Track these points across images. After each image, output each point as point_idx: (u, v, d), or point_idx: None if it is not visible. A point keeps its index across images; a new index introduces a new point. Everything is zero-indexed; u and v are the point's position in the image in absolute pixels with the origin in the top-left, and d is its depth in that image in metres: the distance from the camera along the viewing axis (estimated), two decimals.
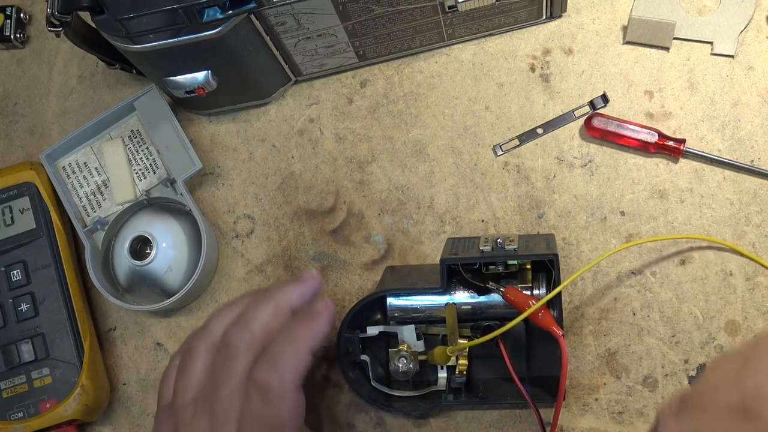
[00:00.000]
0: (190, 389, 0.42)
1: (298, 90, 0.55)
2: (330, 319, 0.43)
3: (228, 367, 0.41)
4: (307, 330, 0.42)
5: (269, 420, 0.40)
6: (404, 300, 0.47)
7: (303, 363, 0.41)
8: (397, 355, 0.46)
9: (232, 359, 0.41)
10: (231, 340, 0.42)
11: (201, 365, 0.43)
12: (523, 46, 0.54)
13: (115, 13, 0.43)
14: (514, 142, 0.53)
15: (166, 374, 0.45)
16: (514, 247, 0.45)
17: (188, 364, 0.43)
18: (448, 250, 0.47)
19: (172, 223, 0.52)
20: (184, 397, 0.42)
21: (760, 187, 0.50)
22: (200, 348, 0.43)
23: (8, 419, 0.49)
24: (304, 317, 0.43)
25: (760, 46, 0.51)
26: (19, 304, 0.51)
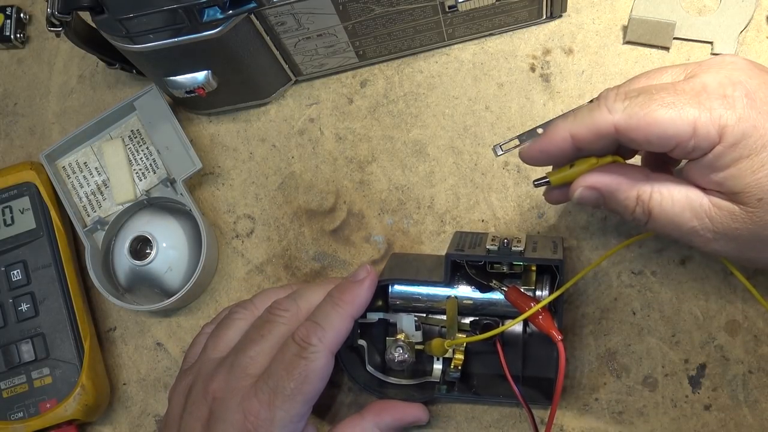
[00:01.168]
0: (219, 348, 0.44)
1: (298, 90, 0.55)
2: (372, 286, 0.44)
3: (264, 329, 0.43)
4: (351, 296, 0.44)
5: (298, 371, 0.41)
6: (406, 288, 0.48)
7: (344, 328, 0.43)
8: (394, 344, 0.47)
9: (270, 323, 0.43)
10: (276, 309, 0.44)
11: (236, 330, 0.45)
12: (523, 46, 0.54)
13: (115, 13, 0.43)
14: (514, 142, 0.53)
15: (195, 341, 0.47)
16: (520, 249, 0.45)
17: (223, 326, 0.45)
18: (455, 244, 0.47)
19: (172, 223, 0.52)
20: (213, 353, 0.44)
21: None
22: (240, 315, 0.45)
23: (8, 419, 0.49)
24: (347, 284, 0.44)
25: (760, 46, 0.51)
26: (19, 304, 0.51)
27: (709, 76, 0.36)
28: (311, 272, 0.53)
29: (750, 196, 0.36)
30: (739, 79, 0.36)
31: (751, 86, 0.36)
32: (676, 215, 0.38)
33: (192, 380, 0.44)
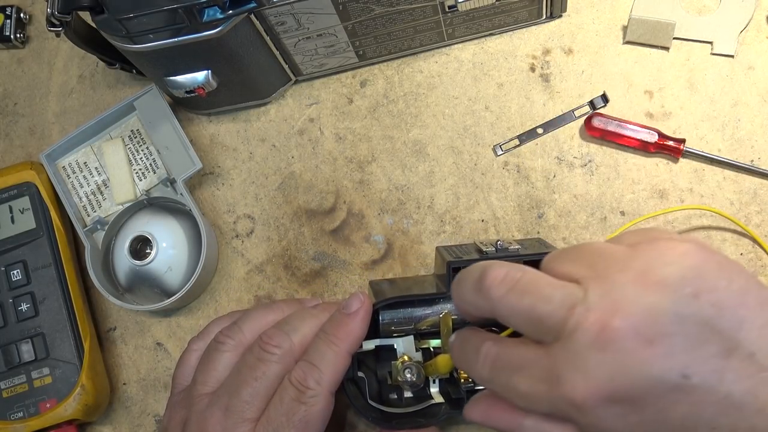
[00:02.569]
0: (210, 381, 0.42)
1: (298, 90, 0.55)
2: (367, 318, 0.42)
3: (258, 369, 0.41)
4: (346, 332, 0.41)
5: (298, 417, 0.40)
6: (397, 311, 0.45)
7: (342, 366, 0.41)
8: (402, 366, 0.44)
9: (265, 362, 0.41)
10: (268, 344, 0.41)
11: (227, 361, 0.43)
12: (523, 46, 0.54)
13: (115, 13, 0.43)
14: (514, 142, 0.53)
15: (184, 360, 0.45)
16: (517, 248, 0.44)
17: (214, 356, 0.43)
18: (447, 255, 0.45)
19: (172, 223, 0.52)
20: (203, 388, 0.42)
21: (760, 187, 0.50)
22: (229, 343, 0.43)
23: (8, 419, 0.49)
24: (341, 318, 0.42)
25: (760, 46, 0.51)
26: (19, 304, 0.51)
27: (569, 370, 0.32)
28: (311, 272, 0.53)
29: None
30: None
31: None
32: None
33: (186, 416, 0.42)
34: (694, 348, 0.30)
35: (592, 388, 0.31)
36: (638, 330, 0.30)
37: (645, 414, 0.31)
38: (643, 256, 0.33)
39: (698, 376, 0.30)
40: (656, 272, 0.31)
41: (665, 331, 0.30)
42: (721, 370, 0.30)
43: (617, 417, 0.31)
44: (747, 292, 0.31)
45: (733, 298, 0.31)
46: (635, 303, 0.31)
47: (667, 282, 0.31)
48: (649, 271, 0.32)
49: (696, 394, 0.30)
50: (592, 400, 0.31)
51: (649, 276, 0.31)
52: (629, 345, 0.30)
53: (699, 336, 0.30)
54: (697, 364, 0.30)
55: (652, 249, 0.33)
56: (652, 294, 0.31)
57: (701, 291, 0.31)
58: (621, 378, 0.31)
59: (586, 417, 0.32)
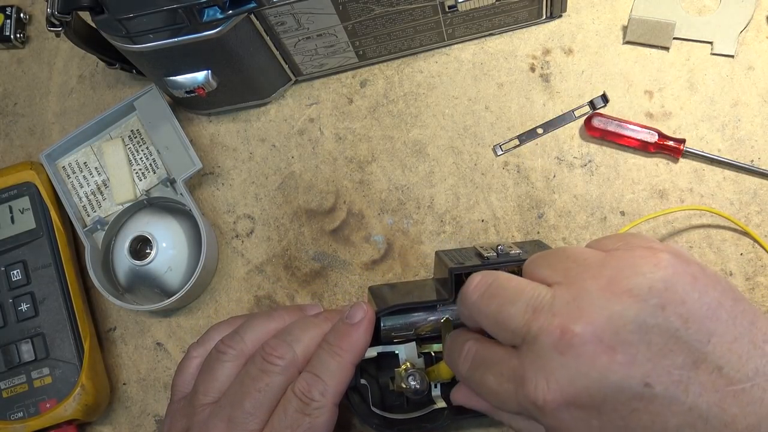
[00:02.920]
0: (212, 392, 0.42)
1: (298, 90, 0.55)
2: (370, 328, 0.42)
3: (261, 380, 0.41)
4: (349, 342, 0.41)
5: (303, 429, 0.39)
6: (398, 318, 0.45)
7: (346, 377, 0.41)
8: (405, 373, 0.44)
9: (268, 374, 0.41)
10: (271, 355, 0.41)
11: (228, 371, 0.42)
12: (523, 46, 0.54)
13: (115, 13, 0.43)
14: (514, 142, 0.53)
15: (184, 366, 0.44)
16: (518, 252, 0.44)
17: (215, 366, 0.42)
18: (448, 261, 0.45)
19: (172, 223, 0.52)
20: (204, 398, 0.42)
21: (760, 187, 0.50)
22: (230, 353, 0.42)
23: (8, 419, 0.49)
24: (344, 328, 0.42)
25: (760, 46, 0.51)
26: (19, 304, 0.51)
27: (532, 371, 0.32)
28: (311, 272, 0.53)
29: None
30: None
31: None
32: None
33: (187, 425, 0.42)
34: (657, 358, 0.30)
35: (553, 390, 0.31)
36: (600, 336, 0.31)
37: (606, 420, 0.31)
38: (616, 263, 0.33)
39: (661, 385, 0.30)
40: (625, 281, 0.32)
41: (628, 339, 0.31)
42: (686, 381, 0.30)
43: (579, 421, 0.31)
44: (720, 306, 0.31)
45: (703, 311, 0.31)
46: (599, 310, 0.31)
47: (634, 292, 0.31)
48: (618, 280, 0.32)
49: (658, 404, 0.30)
50: (553, 403, 0.31)
51: (618, 284, 0.32)
52: (590, 350, 0.31)
53: (663, 346, 0.30)
54: (660, 373, 0.30)
55: (626, 257, 0.33)
56: (617, 303, 0.31)
57: (669, 303, 0.31)
58: (581, 382, 0.31)
59: (548, 419, 0.32)
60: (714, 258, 0.49)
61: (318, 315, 0.44)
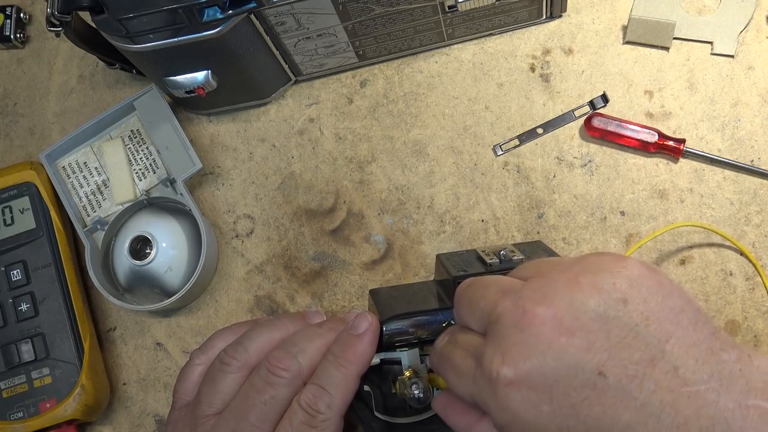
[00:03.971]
0: (216, 403, 0.42)
1: (298, 90, 0.55)
2: (375, 338, 0.42)
3: (266, 392, 0.40)
4: (354, 354, 0.41)
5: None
6: (402, 323, 0.44)
7: (351, 389, 0.41)
8: (409, 381, 0.44)
9: (274, 386, 0.40)
10: (276, 367, 0.41)
11: (232, 382, 0.42)
12: (523, 46, 0.54)
13: (115, 13, 0.43)
14: (514, 142, 0.53)
15: (186, 374, 0.44)
16: (521, 257, 0.43)
17: (219, 377, 0.42)
18: (450, 266, 0.44)
19: (172, 223, 0.52)
20: (208, 409, 0.41)
21: (760, 187, 0.50)
22: (234, 364, 0.42)
23: (8, 419, 0.49)
24: (349, 339, 0.42)
25: (760, 46, 0.51)
26: (19, 304, 0.51)
27: (491, 347, 0.33)
28: (311, 272, 0.53)
29: None
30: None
31: None
32: None
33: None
34: (614, 349, 0.30)
35: (508, 365, 0.32)
36: (560, 319, 0.31)
37: (557, 406, 0.31)
38: (585, 263, 0.34)
39: (615, 377, 0.30)
40: (591, 276, 0.32)
41: (587, 326, 0.31)
42: (641, 377, 0.30)
43: (529, 404, 0.31)
44: (682, 312, 0.32)
45: (665, 314, 0.31)
46: (563, 296, 0.32)
47: (598, 285, 0.32)
48: (585, 274, 0.33)
49: (610, 395, 0.30)
50: (506, 379, 0.32)
51: (584, 278, 0.32)
52: (548, 330, 0.31)
53: (622, 339, 0.31)
54: (615, 365, 0.30)
55: (595, 258, 0.34)
56: (581, 292, 0.32)
57: (631, 299, 0.31)
58: (536, 360, 0.31)
59: (499, 398, 0.32)
60: (714, 257, 0.49)
61: (322, 324, 0.44)
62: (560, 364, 0.31)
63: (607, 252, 0.35)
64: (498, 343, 0.33)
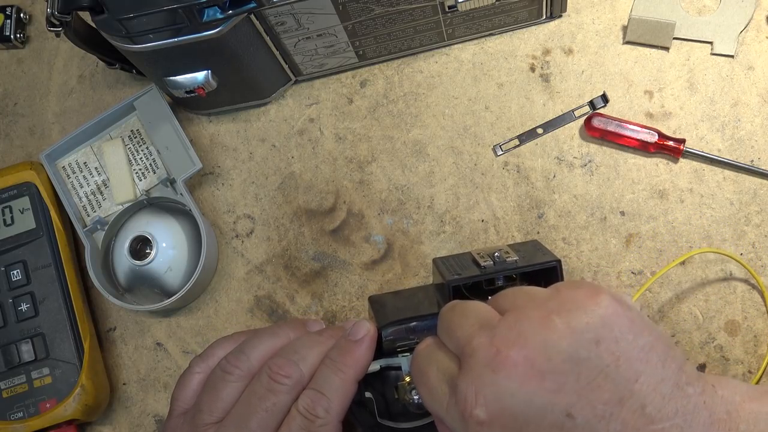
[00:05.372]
0: (217, 410, 0.42)
1: (298, 90, 0.55)
2: (373, 344, 0.42)
3: (268, 399, 0.41)
4: (352, 359, 0.42)
5: None
6: (399, 328, 0.45)
7: (349, 394, 0.41)
8: (408, 387, 0.44)
9: (275, 393, 0.41)
10: (277, 374, 0.41)
11: (234, 390, 0.42)
12: (523, 46, 0.54)
13: (115, 13, 0.43)
14: (514, 142, 0.53)
15: (185, 381, 0.44)
16: (515, 259, 0.43)
17: (220, 385, 0.42)
18: (445, 270, 0.44)
19: (172, 223, 0.52)
20: (209, 417, 0.41)
21: (760, 187, 0.50)
22: (235, 373, 0.42)
23: (8, 419, 0.49)
24: (347, 345, 0.42)
25: (760, 46, 0.51)
26: (19, 304, 0.51)
27: (465, 382, 0.34)
28: (311, 272, 0.53)
29: None
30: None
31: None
32: None
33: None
34: (584, 390, 0.31)
35: (481, 405, 0.33)
36: (532, 362, 0.32)
37: None
38: (561, 298, 0.34)
39: (583, 418, 0.31)
40: (565, 314, 0.33)
41: (558, 368, 0.32)
42: (608, 417, 0.31)
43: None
44: (652, 349, 0.32)
45: (635, 353, 0.32)
46: (536, 337, 0.33)
47: (571, 324, 0.33)
48: (559, 312, 0.33)
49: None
50: (478, 418, 0.33)
51: (558, 316, 0.33)
52: (520, 373, 0.32)
53: (592, 381, 0.31)
54: (584, 406, 0.31)
55: (570, 294, 0.35)
56: (554, 332, 0.33)
57: (603, 339, 0.32)
58: (507, 402, 0.32)
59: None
60: (714, 258, 0.49)
61: (321, 332, 0.44)
62: (530, 407, 0.32)
63: (583, 284, 0.35)
64: (472, 380, 0.33)
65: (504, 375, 0.32)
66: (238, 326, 0.53)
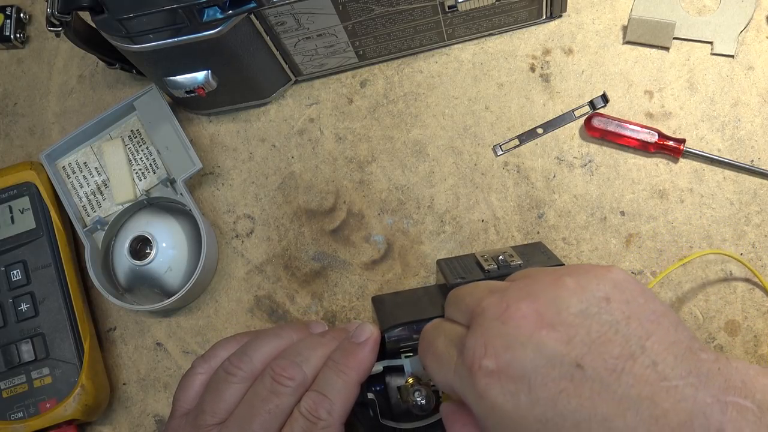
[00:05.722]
0: (220, 412, 0.41)
1: (298, 90, 0.55)
2: (376, 347, 0.42)
3: (271, 401, 0.40)
4: (355, 361, 0.41)
5: None
6: (402, 330, 0.45)
7: (352, 396, 0.41)
8: (411, 389, 0.44)
9: (278, 395, 0.41)
10: (281, 376, 0.41)
11: (237, 392, 0.42)
12: (523, 46, 0.54)
13: (115, 13, 0.43)
14: (514, 142, 0.53)
15: (187, 382, 0.44)
16: (519, 263, 0.43)
17: (222, 386, 0.42)
18: (448, 273, 0.45)
19: (172, 223, 0.52)
20: (212, 418, 0.41)
21: (760, 187, 0.50)
22: (238, 374, 0.42)
23: (8, 419, 0.49)
24: (350, 347, 0.42)
25: (760, 46, 0.51)
26: (19, 304, 0.51)
27: (473, 337, 0.33)
28: (311, 272, 0.53)
29: None
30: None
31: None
32: None
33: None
34: (594, 343, 0.31)
35: (489, 356, 0.32)
36: (541, 314, 0.32)
37: (535, 397, 0.31)
38: (573, 267, 0.35)
39: (593, 370, 0.31)
40: (575, 277, 0.33)
41: (568, 321, 0.32)
42: (620, 371, 0.30)
43: (508, 394, 0.32)
44: (663, 315, 0.32)
45: (646, 315, 0.32)
46: (546, 294, 0.33)
47: (581, 284, 0.33)
48: (570, 275, 0.33)
49: (588, 387, 0.30)
50: (486, 369, 0.32)
51: (569, 278, 0.33)
52: (530, 323, 0.32)
53: (602, 335, 0.31)
54: (594, 358, 0.31)
55: (583, 265, 0.35)
56: (564, 291, 0.33)
57: (614, 299, 0.32)
58: (516, 351, 0.32)
59: (478, 389, 0.32)
60: (714, 258, 0.49)
61: (324, 334, 0.44)
62: (540, 356, 0.31)
63: (595, 264, 0.36)
64: (480, 333, 0.33)
65: (513, 325, 0.32)
66: (238, 326, 0.53)
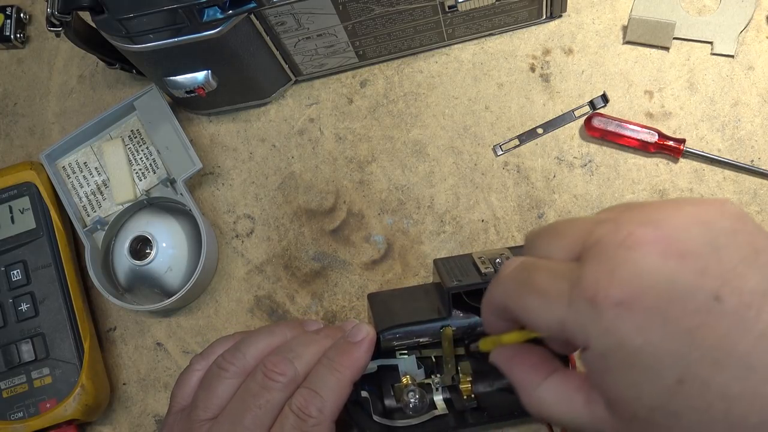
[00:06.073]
0: (212, 407, 0.42)
1: (298, 90, 0.55)
2: (371, 348, 0.42)
3: (262, 396, 0.40)
4: (349, 360, 0.41)
5: None
6: (398, 330, 0.45)
7: (344, 395, 0.41)
8: (405, 389, 0.44)
9: (269, 390, 0.41)
10: (272, 372, 0.41)
11: (229, 387, 0.42)
12: (523, 46, 0.54)
13: (115, 13, 0.43)
14: (514, 142, 0.53)
15: (185, 379, 0.44)
16: None
17: (215, 383, 0.42)
18: (446, 274, 0.44)
19: (172, 223, 0.52)
20: (204, 413, 0.41)
21: (760, 187, 0.50)
22: (231, 369, 0.42)
23: (8, 419, 0.49)
24: (345, 346, 0.42)
25: (760, 46, 0.51)
26: (19, 304, 0.51)
27: (593, 266, 0.30)
28: (311, 272, 0.53)
29: (621, 410, 0.30)
30: (622, 280, 0.29)
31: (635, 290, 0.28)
32: (556, 414, 0.33)
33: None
34: (728, 275, 0.28)
35: (617, 284, 0.29)
36: (668, 242, 0.29)
37: (670, 331, 0.28)
38: (687, 200, 0.32)
39: (731, 303, 0.28)
40: (695, 206, 0.30)
41: (698, 251, 0.28)
42: (759, 305, 0.27)
43: (639, 328, 0.28)
44: None
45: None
46: (669, 221, 0.29)
47: (702, 215, 0.30)
48: (691, 206, 0.30)
49: (727, 322, 0.28)
50: (614, 299, 0.28)
51: (691, 208, 0.30)
52: (660, 250, 0.28)
53: (734, 267, 0.28)
54: (732, 290, 0.28)
55: (696, 199, 0.31)
56: (688, 219, 0.29)
57: (740, 231, 0.29)
58: (648, 279, 0.28)
59: (605, 321, 0.29)
60: None
61: (319, 331, 0.44)
62: (675, 286, 0.28)
63: None
64: (601, 261, 0.29)
65: (642, 252, 0.28)
66: (238, 326, 0.53)
